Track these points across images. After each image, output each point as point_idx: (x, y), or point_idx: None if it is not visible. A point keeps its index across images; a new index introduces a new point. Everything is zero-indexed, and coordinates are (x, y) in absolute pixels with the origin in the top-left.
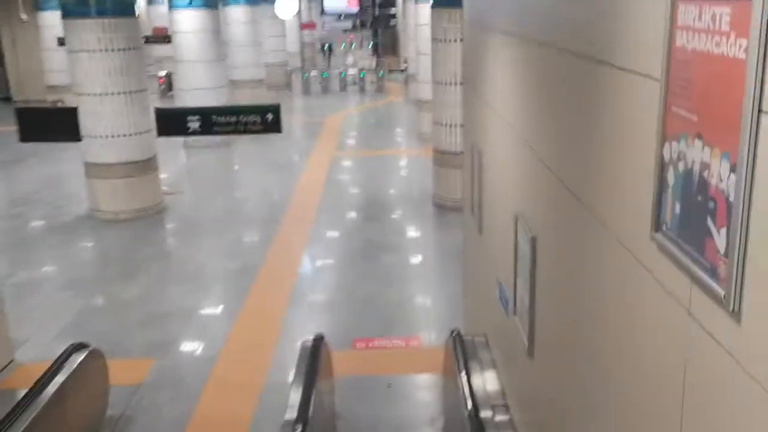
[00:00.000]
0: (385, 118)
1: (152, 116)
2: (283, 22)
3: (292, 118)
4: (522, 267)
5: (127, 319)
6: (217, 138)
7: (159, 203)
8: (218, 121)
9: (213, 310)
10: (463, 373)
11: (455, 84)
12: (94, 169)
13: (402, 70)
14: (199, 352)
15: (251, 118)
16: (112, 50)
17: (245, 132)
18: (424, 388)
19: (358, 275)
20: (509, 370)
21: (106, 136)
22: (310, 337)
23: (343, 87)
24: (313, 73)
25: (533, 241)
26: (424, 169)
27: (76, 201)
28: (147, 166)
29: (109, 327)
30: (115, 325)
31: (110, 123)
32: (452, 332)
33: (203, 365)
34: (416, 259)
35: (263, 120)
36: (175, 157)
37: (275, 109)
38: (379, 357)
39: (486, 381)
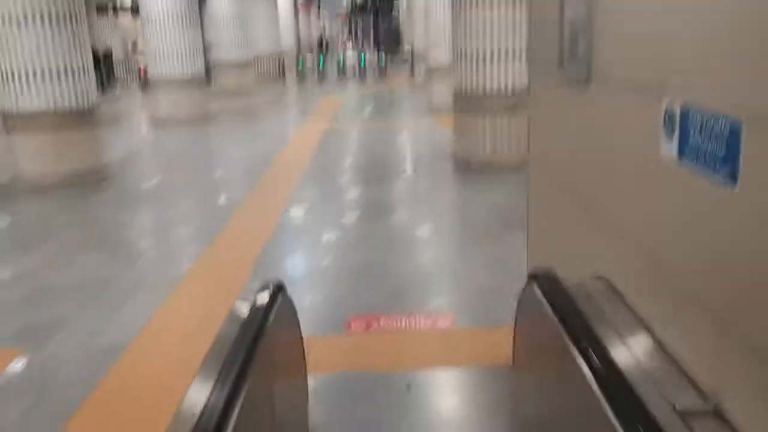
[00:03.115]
0: (389, 98)
1: (88, 52)
2: (275, 6)
3: (286, 101)
4: None
5: (3, 297)
6: (193, 111)
7: (100, 168)
8: None
9: (137, 283)
10: (585, 347)
11: (482, 4)
12: (14, 121)
13: (406, 60)
14: (96, 341)
15: None
16: None
17: None
18: (471, 390)
19: (358, 238)
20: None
21: (26, 75)
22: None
23: (342, 75)
24: (309, 65)
25: None
26: (438, 135)
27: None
28: (83, 117)
29: None
30: None
31: (31, 58)
32: (535, 276)
33: (98, 361)
34: (438, 221)
35: None
36: (139, 134)
37: None
38: (391, 344)
39: (642, 358)
